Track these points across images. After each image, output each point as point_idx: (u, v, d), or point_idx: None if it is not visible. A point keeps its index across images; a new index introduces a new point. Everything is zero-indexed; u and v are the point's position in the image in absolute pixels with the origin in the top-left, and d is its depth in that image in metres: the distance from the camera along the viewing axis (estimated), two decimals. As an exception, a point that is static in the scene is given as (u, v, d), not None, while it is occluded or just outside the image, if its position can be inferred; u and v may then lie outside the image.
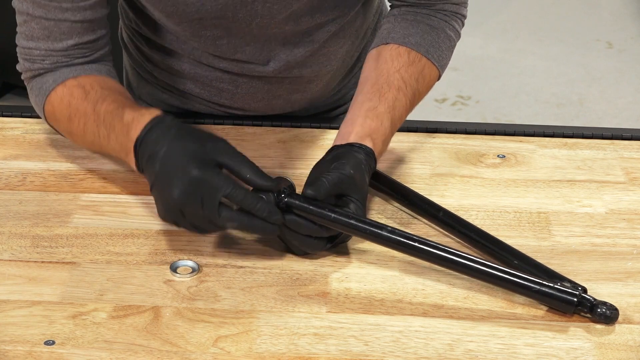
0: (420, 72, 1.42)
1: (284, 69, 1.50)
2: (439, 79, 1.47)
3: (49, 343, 1.12)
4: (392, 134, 1.38)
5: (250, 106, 1.56)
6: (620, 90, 3.81)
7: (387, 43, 1.44)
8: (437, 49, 1.45)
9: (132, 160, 1.28)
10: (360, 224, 1.23)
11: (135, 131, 1.27)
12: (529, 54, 4.04)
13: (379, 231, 1.22)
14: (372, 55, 1.45)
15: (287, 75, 1.51)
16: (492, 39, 4.14)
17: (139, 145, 1.26)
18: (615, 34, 4.23)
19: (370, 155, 1.31)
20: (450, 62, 1.50)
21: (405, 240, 1.22)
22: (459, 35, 1.50)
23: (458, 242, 1.31)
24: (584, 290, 1.20)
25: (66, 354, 1.11)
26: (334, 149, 1.32)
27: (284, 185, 1.24)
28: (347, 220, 1.23)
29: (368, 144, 1.32)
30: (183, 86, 1.56)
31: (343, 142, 1.32)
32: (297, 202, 1.23)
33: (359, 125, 1.34)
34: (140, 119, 1.27)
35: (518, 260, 1.25)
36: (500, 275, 1.20)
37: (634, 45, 4.15)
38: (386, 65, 1.41)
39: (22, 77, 1.45)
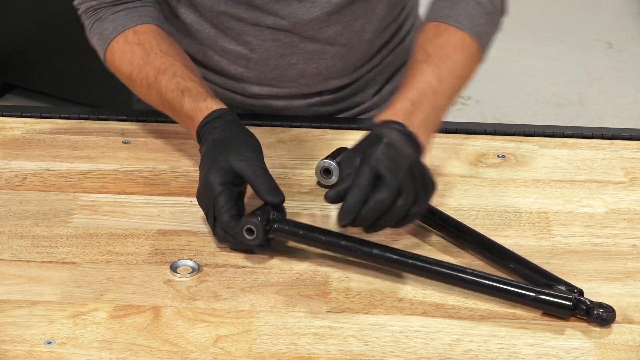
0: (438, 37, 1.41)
1: (298, 26, 1.50)
2: (474, 44, 1.43)
3: (49, 343, 1.13)
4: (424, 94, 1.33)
5: (264, 76, 1.55)
6: (620, 90, 3.81)
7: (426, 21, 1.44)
8: (457, 15, 1.42)
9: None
10: (350, 244, 1.24)
11: (196, 122, 1.35)
12: (529, 54, 4.04)
13: (370, 250, 1.23)
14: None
15: (300, 34, 1.51)
16: (492, 39, 4.14)
17: (200, 136, 1.34)
18: (615, 34, 4.23)
19: (385, 123, 1.28)
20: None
21: (397, 257, 1.22)
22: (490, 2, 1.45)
23: (454, 244, 1.31)
24: (580, 292, 1.20)
25: (66, 354, 1.11)
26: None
27: (272, 212, 1.25)
28: (338, 241, 1.24)
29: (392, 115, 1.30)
30: (203, 55, 1.57)
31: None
32: (286, 227, 1.25)
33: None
34: (198, 113, 1.35)
35: (514, 264, 1.25)
36: (493, 285, 1.20)
37: (634, 45, 4.15)
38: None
39: (79, 10, 1.51)
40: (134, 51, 1.44)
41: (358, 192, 1.20)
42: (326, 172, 1.41)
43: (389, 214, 1.21)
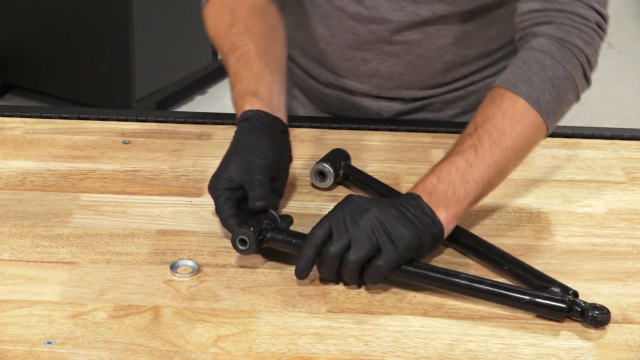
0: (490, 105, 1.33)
1: (377, 22, 1.50)
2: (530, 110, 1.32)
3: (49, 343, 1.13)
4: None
5: (340, 65, 1.57)
6: (620, 90, 3.81)
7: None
8: (516, 79, 1.33)
9: None
10: None
11: (238, 114, 1.37)
12: (529, 54, 4.04)
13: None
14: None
15: (377, 32, 1.51)
16: (492, 39, 4.13)
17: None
18: (615, 34, 4.22)
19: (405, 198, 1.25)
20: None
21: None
22: (555, 52, 1.36)
23: (449, 246, 1.30)
24: (575, 294, 1.19)
25: (66, 354, 1.11)
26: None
27: (266, 221, 1.25)
28: None
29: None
30: (294, 32, 1.58)
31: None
32: (279, 236, 1.25)
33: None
34: (238, 109, 1.36)
35: (509, 265, 1.25)
36: (487, 289, 1.19)
37: (634, 45, 4.15)
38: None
39: None
40: (223, 16, 1.46)
41: (309, 242, 1.21)
42: (321, 174, 1.41)
43: (344, 268, 1.20)
